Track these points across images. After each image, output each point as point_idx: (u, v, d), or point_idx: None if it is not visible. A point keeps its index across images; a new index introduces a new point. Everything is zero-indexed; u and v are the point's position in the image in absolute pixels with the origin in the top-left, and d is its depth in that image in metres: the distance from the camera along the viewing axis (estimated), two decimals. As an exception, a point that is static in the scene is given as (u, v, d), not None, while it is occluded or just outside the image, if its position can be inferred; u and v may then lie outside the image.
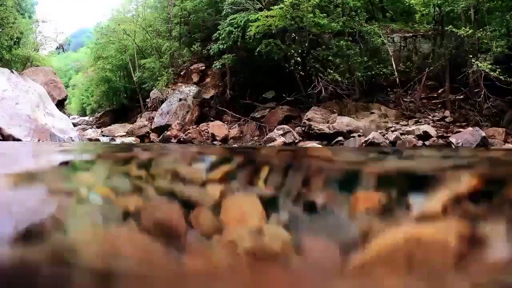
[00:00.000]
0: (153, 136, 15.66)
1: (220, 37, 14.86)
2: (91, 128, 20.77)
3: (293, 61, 13.13)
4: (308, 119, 12.42)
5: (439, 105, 12.72)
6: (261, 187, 1.54)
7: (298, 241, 0.69)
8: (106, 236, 0.69)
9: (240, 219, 0.90)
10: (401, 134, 11.05)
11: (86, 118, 29.11)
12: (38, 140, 10.18)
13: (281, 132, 12.35)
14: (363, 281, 0.55)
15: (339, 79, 12.67)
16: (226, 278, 0.56)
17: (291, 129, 12.58)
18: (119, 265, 0.56)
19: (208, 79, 17.35)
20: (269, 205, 1.08)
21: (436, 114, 12.31)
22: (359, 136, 11.46)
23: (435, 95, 13.18)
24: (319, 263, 0.60)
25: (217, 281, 0.55)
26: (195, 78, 17.56)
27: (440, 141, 10.37)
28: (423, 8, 13.18)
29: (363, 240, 0.68)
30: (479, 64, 10.53)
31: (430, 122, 11.84)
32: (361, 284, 0.55)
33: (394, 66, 13.01)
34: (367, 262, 0.58)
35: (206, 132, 14.58)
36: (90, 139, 13.41)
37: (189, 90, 16.72)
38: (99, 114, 26.75)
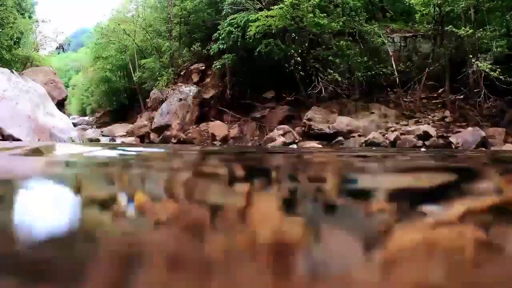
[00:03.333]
0: (153, 136, 15.65)
1: (220, 37, 14.86)
2: (91, 128, 20.78)
3: (293, 61, 13.13)
4: (308, 119, 12.43)
5: (439, 105, 12.72)
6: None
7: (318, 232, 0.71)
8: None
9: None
10: (401, 134, 11.05)
11: (86, 118, 29.11)
12: (38, 140, 10.18)
13: (281, 132, 12.35)
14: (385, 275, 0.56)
15: (339, 79, 12.67)
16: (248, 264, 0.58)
17: (291, 129, 12.58)
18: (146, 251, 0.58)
19: (208, 79, 17.35)
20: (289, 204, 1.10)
21: (436, 114, 12.30)
22: (359, 136, 11.46)
23: (435, 95, 13.18)
24: (341, 254, 0.62)
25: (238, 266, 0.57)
26: (195, 78, 17.56)
27: (440, 141, 10.37)
28: (423, 8, 13.18)
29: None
30: (479, 64, 10.53)
31: (430, 122, 11.84)
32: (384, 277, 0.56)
33: (394, 66, 13.01)
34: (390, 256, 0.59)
35: (206, 132, 14.58)
36: (90, 139, 13.41)
37: (189, 90, 16.71)
38: (99, 114, 26.77)
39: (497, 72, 10.20)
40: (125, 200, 1.27)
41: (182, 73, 18.26)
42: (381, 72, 13.00)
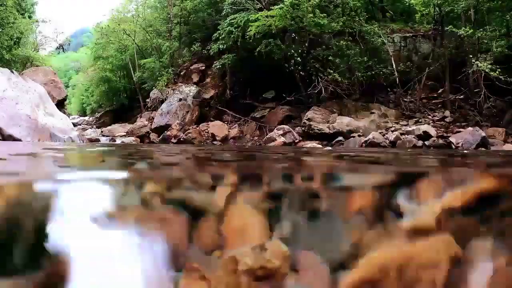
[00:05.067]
0: (153, 136, 15.64)
1: (220, 37, 14.86)
2: (91, 128, 20.76)
3: (293, 61, 13.13)
4: (308, 119, 12.43)
5: (439, 105, 12.73)
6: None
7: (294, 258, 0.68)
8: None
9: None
10: (401, 134, 11.05)
11: (86, 118, 29.11)
12: (38, 140, 10.18)
13: (281, 132, 12.35)
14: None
15: (339, 79, 12.68)
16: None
17: (291, 129, 12.58)
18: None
19: (208, 79, 17.34)
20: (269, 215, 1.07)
21: (436, 114, 12.31)
22: (359, 136, 11.46)
23: (435, 95, 13.18)
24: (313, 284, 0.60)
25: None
26: (195, 78, 17.56)
27: (440, 141, 10.37)
28: (423, 8, 13.19)
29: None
30: (479, 64, 10.54)
31: (430, 122, 11.84)
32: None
33: (394, 66, 13.01)
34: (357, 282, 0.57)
35: (206, 132, 14.57)
36: (90, 139, 13.41)
37: (189, 90, 16.71)
38: (99, 114, 26.75)
39: (497, 72, 10.20)
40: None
41: (182, 73, 18.26)
42: (381, 72, 13.01)
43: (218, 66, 15.44)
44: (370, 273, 0.58)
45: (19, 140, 9.84)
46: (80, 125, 22.50)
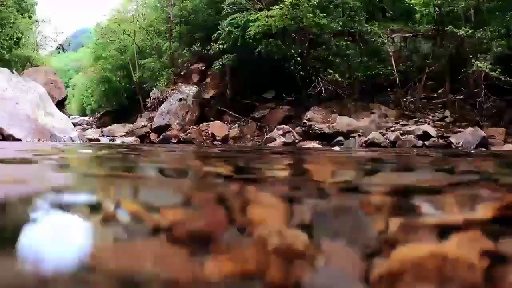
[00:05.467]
0: (153, 136, 15.65)
1: (220, 37, 14.86)
2: (91, 128, 20.75)
3: (293, 61, 13.13)
4: (308, 119, 12.43)
5: (439, 105, 12.72)
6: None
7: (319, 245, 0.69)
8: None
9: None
10: (401, 134, 11.05)
11: (86, 118, 29.08)
12: (38, 140, 10.18)
13: (281, 132, 12.35)
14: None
15: (339, 79, 12.68)
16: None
17: (291, 129, 12.58)
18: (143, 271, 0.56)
19: (208, 79, 17.35)
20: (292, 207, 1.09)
21: (436, 114, 12.31)
22: (359, 136, 11.46)
23: (435, 95, 13.18)
24: (342, 269, 0.60)
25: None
26: (195, 78, 17.56)
27: (440, 141, 10.37)
28: (423, 8, 13.18)
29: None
30: (479, 64, 10.53)
31: (430, 122, 11.84)
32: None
33: (394, 66, 13.01)
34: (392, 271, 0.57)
35: (206, 132, 14.58)
36: (90, 139, 13.41)
37: (189, 90, 16.72)
38: (99, 114, 26.74)
39: (497, 72, 10.20)
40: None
41: (182, 73, 18.26)
42: (381, 72, 13.01)
43: (218, 66, 15.44)
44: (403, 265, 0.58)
45: (19, 140, 9.84)
46: (80, 125, 22.47)
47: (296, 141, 12.08)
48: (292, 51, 13.22)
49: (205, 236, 0.73)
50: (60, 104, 18.19)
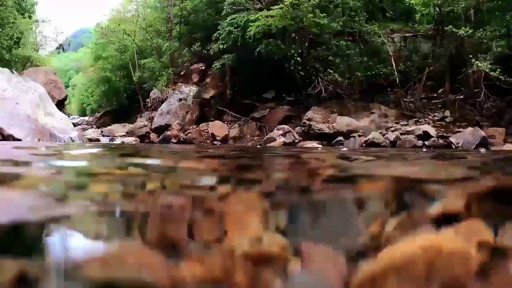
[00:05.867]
0: (153, 136, 15.65)
1: (220, 37, 14.86)
2: (91, 128, 20.75)
3: (293, 61, 13.13)
4: (308, 119, 12.43)
5: (439, 105, 12.72)
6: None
7: (298, 247, 0.67)
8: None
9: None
10: (401, 134, 11.05)
11: (86, 118, 29.08)
12: (38, 140, 10.18)
13: (281, 132, 12.35)
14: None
15: (339, 79, 12.68)
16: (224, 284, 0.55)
17: (291, 129, 12.58)
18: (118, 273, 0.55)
19: (208, 79, 17.35)
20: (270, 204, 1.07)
21: (436, 114, 12.30)
22: (359, 136, 11.46)
23: (435, 95, 13.18)
24: (323, 272, 0.59)
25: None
26: (195, 78, 17.56)
27: (440, 141, 10.37)
28: (423, 8, 13.18)
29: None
30: (479, 64, 10.53)
31: (430, 122, 11.84)
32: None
33: (394, 66, 13.01)
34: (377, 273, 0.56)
35: (206, 132, 14.58)
36: (90, 139, 13.41)
37: (189, 90, 16.72)
38: (99, 114, 26.73)
39: (497, 72, 10.20)
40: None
41: (182, 73, 18.26)
42: (381, 72, 13.01)
43: (218, 66, 15.44)
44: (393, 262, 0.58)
45: (19, 140, 9.84)
46: (80, 125, 22.47)
47: (296, 141, 12.08)
48: (292, 51, 13.21)
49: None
50: (60, 104, 18.19)
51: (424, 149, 8.75)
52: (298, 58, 13.14)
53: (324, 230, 0.79)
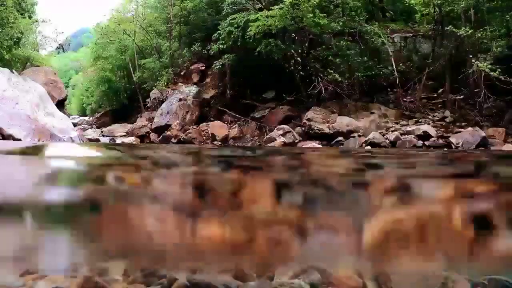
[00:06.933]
0: (153, 136, 15.65)
1: (220, 37, 14.84)
2: (91, 128, 20.75)
3: (293, 61, 13.12)
4: (308, 119, 12.42)
5: (439, 105, 12.72)
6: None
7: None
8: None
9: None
10: (401, 134, 11.06)
11: (86, 118, 29.06)
12: (38, 140, 10.18)
13: (281, 132, 12.34)
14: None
15: (339, 79, 12.67)
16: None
17: (291, 129, 12.58)
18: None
19: (208, 79, 17.34)
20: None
21: (436, 114, 12.30)
22: (359, 136, 11.46)
23: (435, 95, 13.18)
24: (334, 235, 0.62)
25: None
26: (195, 78, 17.56)
27: (440, 141, 10.37)
28: (423, 8, 13.18)
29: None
30: (479, 64, 10.53)
31: (430, 122, 11.84)
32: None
33: (394, 66, 13.00)
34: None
35: (206, 132, 14.58)
36: (90, 139, 13.41)
37: (189, 90, 16.71)
38: (99, 114, 26.71)
39: (497, 72, 10.20)
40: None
41: (182, 73, 18.25)
42: (381, 72, 13.00)
43: (218, 66, 15.43)
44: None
45: (19, 140, 9.84)
46: (80, 125, 22.46)
47: (296, 141, 12.08)
48: (292, 51, 13.21)
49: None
50: (60, 104, 18.18)
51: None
52: (298, 58, 13.13)
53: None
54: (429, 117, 12.19)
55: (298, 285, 1.03)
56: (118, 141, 14.08)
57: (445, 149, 9.66)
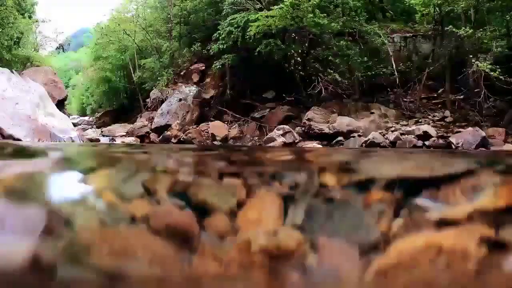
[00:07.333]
0: (153, 136, 15.65)
1: (220, 37, 14.85)
2: (91, 128, 20.76)
3: (293, 61, 13.12)
4: (308, 119, 12.42)
5: (439, 105, 12.72)
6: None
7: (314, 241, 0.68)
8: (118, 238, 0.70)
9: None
10: (401, 134, 11.06)
11: (86, 118, 29.07)
12: (38, 140, 10.18)
13: (281, 132, 12.35)
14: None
15: (339, 79, 12.67)
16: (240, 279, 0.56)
17: (291, 129, 12.58)
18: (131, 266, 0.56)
19: (208, 79, 17.34)
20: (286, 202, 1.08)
21: (436, 114, 12.30)
22: (359, 136, 11.46)
23: (435, 95, 13.18)
24: (336, 265, 0.60)
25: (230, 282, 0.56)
26: (195, 78, 17.56)
27: (440, 141, 10.37)
28: (423, 8, 13.18)
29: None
30: (479, 64, 10.53)
31: (430, 122, 11.84)
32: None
33: (394, 66, 13.00)
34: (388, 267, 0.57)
35: (206, 132, 14.58)
36: (90, 139, 13.41)
37: (189, 90, 16.71)
38: (99, 114, 26.72)
39: (497, 72, 10.19)
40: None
41: (182, 73, 18.25)
42: (381, 72, 13.00)
43: (218, 66, 15.43)
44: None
45: (19, 140, 9.84)
46: (80, 125, 22.47)
47: (296, 141, 12.08)
48: (292, 51, 13.21)
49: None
50: (60, 104, 18.20)
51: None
52: (298, 58, 13.13)
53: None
54: (429, 117, 12.19)
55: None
56: (118, 141, 14.08)
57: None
